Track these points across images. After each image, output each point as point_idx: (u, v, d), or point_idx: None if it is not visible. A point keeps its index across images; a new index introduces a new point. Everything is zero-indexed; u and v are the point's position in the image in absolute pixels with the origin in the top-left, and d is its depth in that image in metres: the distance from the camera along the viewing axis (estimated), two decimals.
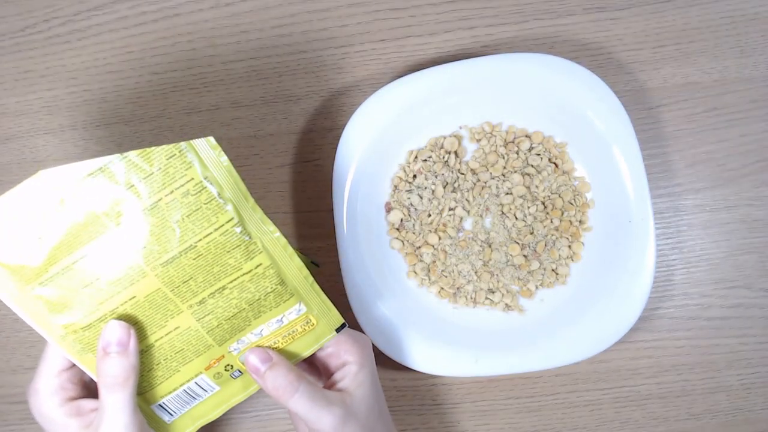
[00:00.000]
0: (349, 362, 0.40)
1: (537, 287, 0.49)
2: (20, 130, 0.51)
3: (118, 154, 0.33)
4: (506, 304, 0.49)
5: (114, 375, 0.35)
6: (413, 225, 0.49)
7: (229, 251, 0.36)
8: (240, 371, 0.40)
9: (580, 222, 0.49)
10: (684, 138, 0.51)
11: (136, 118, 0.51)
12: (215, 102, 0.51)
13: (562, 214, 0.49)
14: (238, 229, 0.36)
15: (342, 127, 0.50)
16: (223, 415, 0.51)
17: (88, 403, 0.37)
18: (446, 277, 0.49)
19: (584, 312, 0.47)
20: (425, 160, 0.49)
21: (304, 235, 0.51)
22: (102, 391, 0.35)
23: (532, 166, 0.49)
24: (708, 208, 0.51)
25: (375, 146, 0.47)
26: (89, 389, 0.39)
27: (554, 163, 0.49)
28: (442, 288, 0.49)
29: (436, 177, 0.49)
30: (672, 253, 0.51)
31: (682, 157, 0.51)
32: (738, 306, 0.51)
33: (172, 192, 0.34)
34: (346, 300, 0.49)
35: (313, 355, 0.41)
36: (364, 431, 0.38)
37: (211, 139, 0.35)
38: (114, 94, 0.51)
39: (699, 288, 0.51)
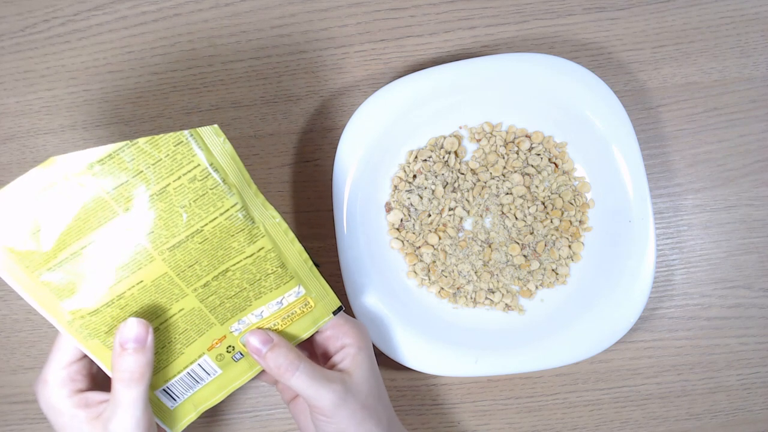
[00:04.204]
0: (347, 344, 0.41)
1: (537, 287, 0.49)
2: (20, 130, 0.51)
3: (128, 141, 0.34)
4: (506, 304, 0.49)
5: (130, 371, 0.36)
6: (413, 225, 0.49)
7: (233, 235, 0.37)
8: (241, 354, 0.41)
9: (580, 222, 0.49)
10: (684, 138, 0.51)
11: (136, 118, 0.51)
12: (215, 102, 0.51)
13: (562, 214, 0.49)
14: (242, 214, 0.37)
15: (342, 127, 0.50)
16: (223, 414, 0.51)
17: (95, 396, 0.38)
18: (446, 277, 0.49)
19: (584, 312, 0.47)
20: (425, 160, 0.49)
21: (304, 235, 0.51)
22: (117, 385, 0.36)
23: (532, 166, 0.49)
24: (708, 208, 0.51)
25: (375, 146, 0.47)
26: (96, 381, 0.39)
27: (554, 163, 0.49)
28: (442, 288, 0.49)
29: (436, 177, 0.49)
30: (672, 253, 0.51)
31: (682, 157, 0.51)
32: (738, 306, 0.51)
33: (179, 178, 0.35)
34: (346, 300, 0.49)
35: (312, 341, 0.43)
36: (363, 410, 0.39)
37: (216, 126, 0.36)
38: (114, 94, 0.51)
39: (699, 288, 0.51)
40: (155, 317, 0.37)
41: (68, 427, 0.37)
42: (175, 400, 0.40)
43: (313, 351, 0.44)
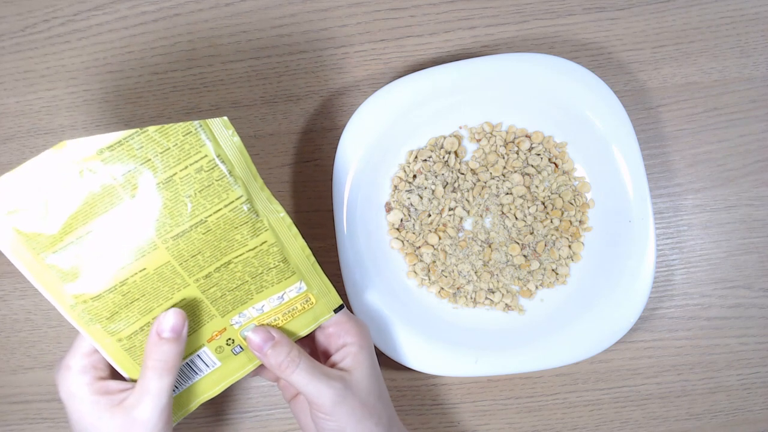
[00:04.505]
0: (349, 343, 0.41)
1: (537, 287, 0.49)
2: (20, 130, 0.51)
3: (137, 129, 0.34)
4: (506, 304, 0.49)
5: (164, 360, 0.36)
6: (413, 225, 0.49)
7: (236, 227, 0.37)
8: (241, 347, 0.41)
9: (580, 222, 0.49)
10: (684, 138, 0.51)
11: (136, 118, 0.51)
12: (215, 102, 0.51)
13: (562, 214, 0.49)
14: (247, 207, 0.37)
15: (342, 127, 0.50)
16: (223, 414, 0.51)
17: (115, 384, 0.38)
18: (446, 277, 0.49)
19: (584, 312, 0.47)
20: (425, 160, 0.49)
21: (304, 235, 0.51)
22: (148, 373, 0.36)
23: (532, 166, 0.49)
24: (708, 208, 0.51)
25: (375, 146, 0.47)
26: (116, 371, 0.40)
27: (554, 163, 0.49)
28: (442, 288, 0.49)
29: (436, 177, 0.49)
30: (672, 253, 0.51)
31: (682, 157, 0.51)
32: (738, 306, 0.51)
33: (186, 168, 0.35)
34: (346, 299, 0.49)
35: (314, 338, 0.43)
36: (363, 408, 0.39)
37: (225, 119, 0.36)
38: (114, 94, 0.51)
39: (699, 288, 0.51)
40: (157, 306, 0.37)
41: (87, 414, 0.37)
42: (173, 390, 0.40)
43: (314, 349, 0.44)
